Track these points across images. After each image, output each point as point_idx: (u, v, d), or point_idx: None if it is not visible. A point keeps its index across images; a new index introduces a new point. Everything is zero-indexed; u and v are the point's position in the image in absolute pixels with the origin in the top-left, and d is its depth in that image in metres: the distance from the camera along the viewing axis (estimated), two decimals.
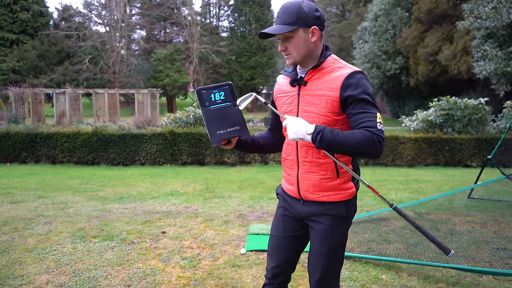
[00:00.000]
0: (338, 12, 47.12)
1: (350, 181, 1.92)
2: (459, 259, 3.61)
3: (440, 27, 23.56)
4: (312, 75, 1.84)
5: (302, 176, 1.90)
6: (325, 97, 1.78)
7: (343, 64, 1.84)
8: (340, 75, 1.77)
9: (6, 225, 4.58)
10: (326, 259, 1.89)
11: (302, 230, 2.01)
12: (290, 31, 1.77)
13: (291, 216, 2.01)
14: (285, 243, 2.02)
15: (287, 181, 2.01)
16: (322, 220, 1.89)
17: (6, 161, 10.02)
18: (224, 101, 1.83)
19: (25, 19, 36.92)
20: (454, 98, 10.69)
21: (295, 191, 1.95)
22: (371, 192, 6.52)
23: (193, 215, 5.12)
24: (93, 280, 3.23)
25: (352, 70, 1.78)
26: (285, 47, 1.81)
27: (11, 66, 35.68)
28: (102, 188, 6.80)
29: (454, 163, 10.04)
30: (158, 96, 25.02)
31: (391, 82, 27.80)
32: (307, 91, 1.84)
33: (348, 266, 3.51)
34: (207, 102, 1.82)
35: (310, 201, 1.91)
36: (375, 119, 1.70)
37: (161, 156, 9.85)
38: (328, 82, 1.79)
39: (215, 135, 1.82)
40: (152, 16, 41.45)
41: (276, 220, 2.08)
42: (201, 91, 1.83)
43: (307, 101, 1.83)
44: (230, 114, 1.84)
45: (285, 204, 2.03)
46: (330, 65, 1.83)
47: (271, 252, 2.05)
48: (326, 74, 1.81)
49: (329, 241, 1.88)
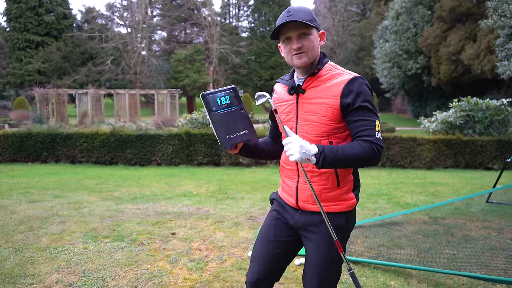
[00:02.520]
0: (358, 11, 46.63)
1: (351, 191, 1.86)
2: (472, 266, 3.51)
3: (463, 26, 23.03)
4: (310, 83, 1.80)
5: (302, 187, 1.85)
6: (325, 105, 1.74)
7: (341, 70, 1.80)
8: (340, 82, 1.74)
9: (22, 224, 4.70)
10: (322, 272, 1.83)
11: (293, 237, 1.94)
12: (309, 28, 1.73)
13: (284, 222, 1.95)
14: (275, 247, 1.93)
15: (285, 191, 1.97)
16: (318, 230, 1.84)
17: (28, 161, 10.29)
18: (230, 105, 1.79)
19: (49, 21, 37.92)
20: (475, 99, 10.43)
21: (293, 202, 1.90)
22: (386, 195, 6.43)
23: (204, 216, 5.14)
24: (101, 280, 3.28)
25: (351, 76, 1.74)
26: (300, 44, 1.74)
27: (37, 67, 36.68)
28: (117, 188, 6.90)
29: (474, 166, 9.79)
30: (178, 97, 25.28)
31: (412, 82, 27.33)
32: (306, 99, 1.80)
33: (356, 271, 3.46)
34: (214, 107, 1.78)
35: (308, 211, 1.86)
36: (374, 127, 1.69)
37: (177, 156, 9.94)
38: (328, 90, 1.75)
39: (226, 139, 1.79)
40: (173, 17, 41.96)
41: (267, 223, 2.00)
42: (207, 95, 1.78)
43: (307, 110, 1.79)
44: (238, 118, 1.80)
45: (281, 209, 1.97)
46: (328, 72, 1.79)
47: (256, 258, 1.96)
48: (325, 81, 1.78)
49: (327, 253, 1.82)
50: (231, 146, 1.80)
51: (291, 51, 1.77)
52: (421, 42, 24.92)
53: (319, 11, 47.67)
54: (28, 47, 37.71)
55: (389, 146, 9.96)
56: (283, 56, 1.85)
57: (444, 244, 4.07)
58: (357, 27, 41.35)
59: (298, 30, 1.73)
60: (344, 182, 1.82)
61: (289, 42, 1.77)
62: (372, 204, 5.88)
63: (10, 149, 10.21)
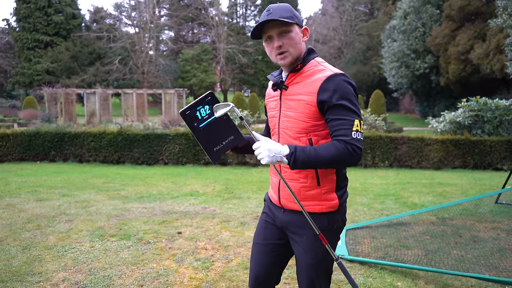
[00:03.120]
0: (366, 11, 46.41)
1: (334, 192, 1.80)
2: (481, 267, 3.47)
3: (472, 25, 22.82)
4: (292, 79, 1.78)
5: (283, 183, 1.83)
6: (303, 102, 1.72)
7: (324, 67, 1.76)
8: (318, 79, 1.70)
9: (30, 223, 4.73)
10: (312, 272, 1.82)
11: (284, 239, 1.93)
12: (288, 25, 1.72)
13: (272, 224, 1.95)
14: (266, 250, 1.93)
15: (271, 188, 1.98)
16: (302, 232, 1.81)
17: (36, 160, 10.37)
18: (211, 115, 1.74)
19: (58, 21, 38.20)
20: (484, 99, 10.32)
21: (276, 199, 1.90)
22: (393, 195, 6.39)
23: (210, 215, 5.14)
24: (107, 279, 3.29)
25: (331, 72, 1.69)
26: (281, 43, 1.72)
27: (45, 67, 36.98)
28: (124, 187, 6.93)
29: (483, 166, 9.69)
30: (185, 96, 25.35)
31: (421, 81, 27.12)
32: (288, 95, 1.79)
33: (363, 272, 3.44)
34: (195, 123, 1.73)
35: (290, 210, 1.85)
36: (351, 127, 1.63)
37: (184, 156, 9.96)
38: (307, 86, 1.72)
39: (213, 152, 1.76)
40: (180, 17, 42.09)
41: (258, 227, 2.02)
42: (185, 112, 1.72)
43: (287, 106, 1.78)
44: (221, 126, 1.75)
45: (268, 211, 1.98)
46: (311, 68, 1.76)
47: (252, 259, 1.98)
48: (306, 77, 1.75)
49: (313, 254, 1.80)
50: (218, 157, 1.77)
51: (273, 50, 1.76)
52: (430, 41, 24.73)
53: (326, 10, 47.55)
54: (37, 47, 38.03)
55: (396, 146, 9.89)
56: (268, 55, 1.83)
57: (452, 245, 4.04)
58: (364, 26, 41.13)
59: (278, 28, 1.72)
60: (325, 181, 1.78)
61: (271, 41, 1.76)
62: (379, 204, 5.84)
63: (19, 148, 10.30)
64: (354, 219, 5.06)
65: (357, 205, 5.80)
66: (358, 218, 5.09)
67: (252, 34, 1.78)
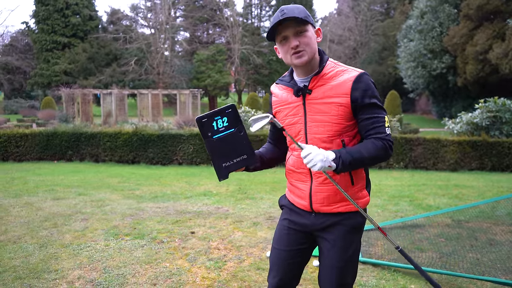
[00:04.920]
0: (382, 10, 45.97)
1: (365, 188, 1.84)
2: (497, 271, 3.41)
3: (490, 24, 22.42)
4: (316, 82, 1.76)
5: (316, 189, 1.80)
6: (336, 104, 1.71)
7: (345, 66, 1.77)
8: (347, 79, 1.71)
9: (47, 221, 4.83)
10: (340, 271, 1.81)
11: (307, 243, 1.92)
12: (304, 24, 1.70)
13: (296, 229, 1.90)
14: (289, 256, 1.90)
15: (295, 194, 1.91)
16: (335, 231, 1.81)
17: (54, 159, 10.56)
18: (228, 128, 1.64)
19: (76, 23, 38.83)
20: (503, 99, 10.13)
21: (307, 205, 1.85)
22: (408, 197, 6.32)
23: (223, 216, 5.17)
24: (121, 277, 3.33)
25: (358, 72, 1.72)
26: (298, 42, 1.70)
27: (63, 68, 37.62)
28: (139, 187, 7.01)
29: (501, 168, 9.51)
30: (200, 97, 25.49)
31: (438, 82, 26.76)
32: (314, 99, 1.75)
33: (376, 274, 3.41)
34: (209, 132, 1.63)
35: (322, 213, 1.83)
36: (384, 123, 1.71)
37: (197, 156, 10.03)
38: (336, 88, 1.71)
39: (221, 168, 1.66)
40: (195, 18, 42.33)
41: (279, 233, 1.96)
42: (202, 120, 1.63)
43: (316, 110, 1.75)
44: (236, 142, 1.66)
45: (292, 217, 1.92)
46: (331, 70, 1.75)
47: (274, 265, 1.94)
48: (330, 79, 1.74)
49: (344, 253, 1.80)
50: (226, 175, 1.67)
51: (289, 50, 1.73)
52: (447, 41, 24.37)
53: (341, 10, 47.28)
54: (55, 48, 38.71)
55: (412, 147, 9.78)
56: (280, 57, 1.81)
57: (467, 248, 3.97)
58: (380, 26, 40.75)
59: (294, 28, 1.70)
60: (358, 180, 1.81)
61: (286, 41, 1.73)
62: (393, 206, 5.79)
63: (37, 148, 10.51)
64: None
65: (371, 206, 5.75)
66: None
67: (268, 35, 1.76)
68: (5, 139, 10.45)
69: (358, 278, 3.32)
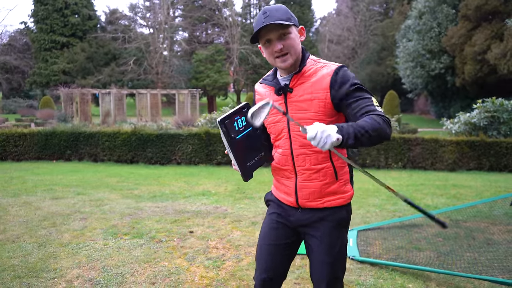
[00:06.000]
0: (381, 11, 45.98)
1: (349, 182, 1.87)
2: (494, 270, 3.43)
3: (489, 25, 22.46)
4: (296, 80, 1.78)
5: (301, 185, 1.83)
6: (316, 100, 1.72)
7: (324, 62, 1.79)
8: (326, 74, 1.72)
9: (45, 220, 4.83)
10: (331, 268, 1.84)
11: (294, 237, 1.95)
12: (287, 27, 1.71)
13: (284, 223, 1.94)
14: (277, 251, 1.93)
15: (281, 190, 1.94)
16: (321, 227, 1.84)
17: (52, 159, 10.56)
18: (247, 127, 1.65)
19: (75, 22, 38.77)
20: (501, 100, 10.15)
21: (293, 201, 1.88)
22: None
23: (222, 215, 5.18)
24: (120, 276, 3.34)
25: (335, 66, 1.74)
26: (281, 46, 1.71)
27: (62, 67, 37.57)
28: (138, 187, 7.02)
29: (499, 168, 9.54)
30: (198, 97, 25.49)
31: (436, 82, 26.78)
32: (295, 97, 1.77)
33: (374, 273, 3.42)
34: (233, 133, 1.61)
35: (308, 209, 1.86)
36: (373, 103, 1.64)
37: (196, 156, 10.03)
38: (316, 85, 1.73)
39: (246, 168, 1.67)
40: (194, 18, 42.31)
41: (267, 228, 1.98)
42: (225, 121, 1.60)
43: (297, 108, 1.77)
44: (254, 140, 1.67)
45: (279, 211, 1.95)
46: (311, 67, 1.78)
47: (262, 261, 1.95)
48: (310, 76, 1.76)
49: (333, 248, 1.84)
50: (251, 175, 1.68)
51: (273, 53, 1.74)
52: (445, 41, 24.41)
53: (340, 10, 47.29)
54: (54, 47, 38.64)
55: (410, 147, 9.80)
56: (265, 57, 1.82)
57: (465, 248, 3.99)
58: (379, 26, 40.77)
59: (277, 31, 1.70)
60: (341, 174, 1.83)
61: (270, 44, 1.74)
62: (391, 205, 5.80)
63: (35, 147, 10.50)
64: (366, 220, 5.04)
65: (369, 206, 5.77)
66: (369, 219, 5.07)
67: (252, 39, 1.76)
68: (3, 138, 10.44)
69: (356, 277, 3.34)
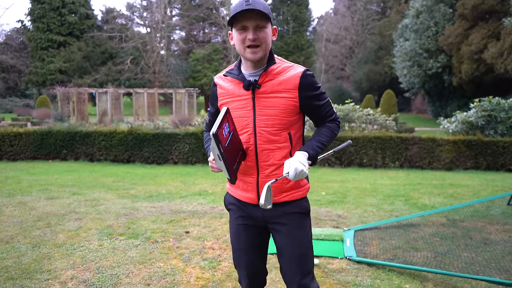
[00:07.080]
0: (378, 10, 46.06)
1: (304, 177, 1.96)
2: (491, 270, 3.41)
3: (486, 24, 22.52)
4: (265, 77, 1.80)
5: (263, 181, 1.85)
6: (284, 99, 1.79)
7: (290, 63, 1.86)
8: (294, 75, 1.79)
9: (40, 220, 4.79)
10: (302, 262, 1.90)
11: (264, 234, 2.02)
12: (265, 20, 1.74)
13: (250, 224, 1.97)
14: (251, 252, 2.00)
15: (241, 188, 1.94)
16: (286, 221, 1.90)
17: (48, 158, 10.50)
18: (230, 131, 1.66)
19: (72, 21, 38.64)
20: (497, 99, 10.15)
21: (254, 198, 1.90)
22: (403, 196, 6.32)
23: (218, 215, 5.15)
24: (115, 277, 3.31)
25: (303, 68, 1.82)
26: (256, 36, 1.72)
27: (58, 67, 37.44)
28: (134, 186, 6.98)
29: (496, 167, 9.54)
30: (196, 96, 25.46)
31: (433, 81, 26.85)
32: (263, 93, 1.80)
33: (371, 273, 3.40)
34: (223, 143, 1.58)
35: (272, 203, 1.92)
36: (331, 106, 1.94)
37: (193, 155, 10.00)
38: (284, 83, 1.79)
39: (233, 171, 1.68)
40: (191, 17, 42.25)
41: (236, 232, 2.01)
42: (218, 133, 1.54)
43: (265, 104, 1.80)
44: (235, 142, 1.71)
45: (243, 213, 1.97)
46: (279, 65, 1.82)
47: (240, 264, 2.04)
48: (278, 75, 1.80)
49: (300, 240, 1.90)
50: (236, 176, 1.74)
51: (245, 41, 1.74)
52: (442, 40, 24.46)
53: (338, 9, 47.33)
54: (50, 46, 38.50)
55: (407, 146, 9.80)
56: (233, 44, 1.82)
57: (462, 247, 3.98)
58: (376, 25, 40.84)
59: (255, 21, 1.72)
60: None
61: (244, 31, 1.74)
62: (388, 205, 5.79)
63: (31, 147, 10.44)
64: (363, 220, 5.02)
65: (366, 206, 5.75)
66: (367, 219, 5.05)
67: (229, 21, 1.75)
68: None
69: (353, 277, 3.31)
